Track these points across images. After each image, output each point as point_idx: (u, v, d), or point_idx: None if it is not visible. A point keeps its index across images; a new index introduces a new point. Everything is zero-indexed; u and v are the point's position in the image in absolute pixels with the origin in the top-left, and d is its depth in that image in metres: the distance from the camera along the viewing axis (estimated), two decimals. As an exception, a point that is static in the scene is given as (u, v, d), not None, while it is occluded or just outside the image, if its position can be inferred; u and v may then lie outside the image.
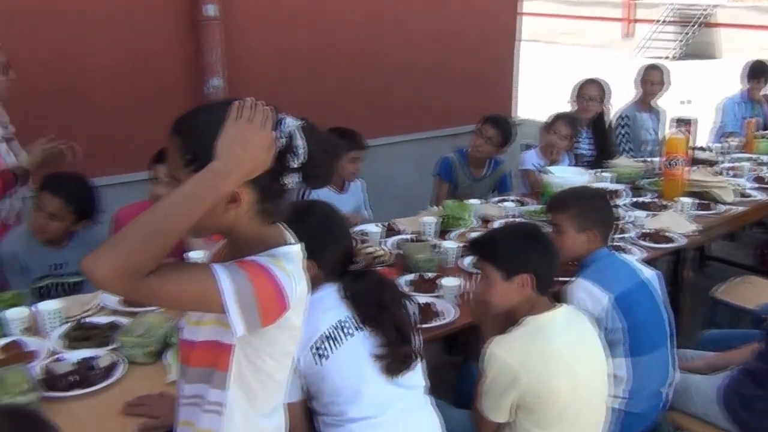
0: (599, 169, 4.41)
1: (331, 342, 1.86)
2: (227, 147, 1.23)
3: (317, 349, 1.85)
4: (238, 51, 4.41)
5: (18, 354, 2.19)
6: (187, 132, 1.30)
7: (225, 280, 1.24)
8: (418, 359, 1.97)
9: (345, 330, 1.89)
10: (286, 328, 1.36)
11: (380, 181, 4.39)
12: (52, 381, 1.98)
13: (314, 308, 1.79)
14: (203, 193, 1.22)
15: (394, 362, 1.89)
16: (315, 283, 1.84)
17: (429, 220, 3.40)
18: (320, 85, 4.80)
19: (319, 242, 1.85)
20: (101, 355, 2.13)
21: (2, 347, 2.22)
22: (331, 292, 1.93)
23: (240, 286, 1.25)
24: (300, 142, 1.31)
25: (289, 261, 1.35)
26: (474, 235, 3.02)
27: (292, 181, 1.33)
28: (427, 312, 2.52)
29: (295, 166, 1.32)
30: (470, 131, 4.37)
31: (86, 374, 2.02)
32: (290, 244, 1.40)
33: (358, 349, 1.89)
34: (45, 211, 2.75)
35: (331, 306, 1.91)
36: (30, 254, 2.83)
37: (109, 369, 2.06)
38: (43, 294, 2.80)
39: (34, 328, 2.35)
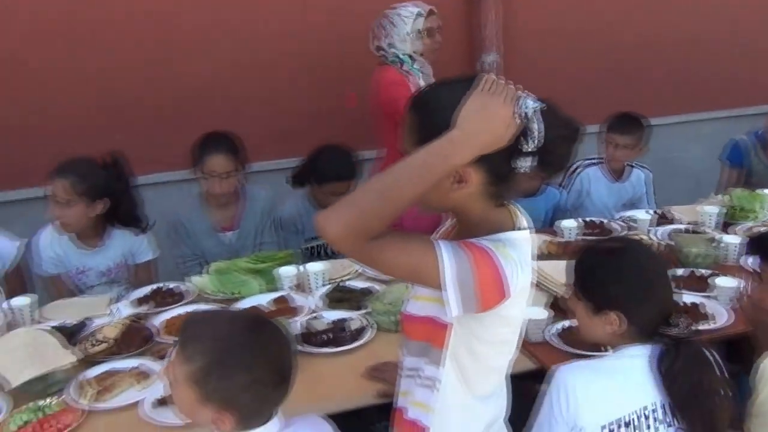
0: None
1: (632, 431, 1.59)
2: (468, 116, 1.19)
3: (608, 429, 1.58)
4: (514, 27, 4.32)
5: (285, 308, 2.41)
6: (425, 109, 1.28)
7: (447, 258, 1.20)
8: None
9: (652, 421, 1.59)
10: (503, 316, 1.30)
11: (662, 164, 4.03)
12: (308, 337, 2.14)
13: (618, 380, 1.61)
14: (436, 160, 1.19)
15: None
16: (621, 341, 1.67)
17: (709, 210, 3.03)
18: (597, 63, 4.53)
19: (638, 294, 1.65)
20: (353, 317, 2.25)
21: (274, 300, 2.46)
22: (640, 362, 1.62)
23: (461, 266, 1.20)
24: (537, 126, 1.23)
25: (515, 247, 1.27)
26: (762, 230, 2.63)
27: (524, 164, 1.26)
28: (695, 314, 2.25)
29: (529, 149, 1.24)
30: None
31: (338, 334, 2.15)
32: (519, 229, 1.33)
33: None
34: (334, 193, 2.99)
35: (640, 382, 1.60)
36: (306, 216, 3.11)
37: (359, 332, 2.17)
38: (313, 254, 3.06)
39: (301, 285, 2.57)
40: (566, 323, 2.15)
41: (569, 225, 3.01)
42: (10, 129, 3.55)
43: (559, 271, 2.31)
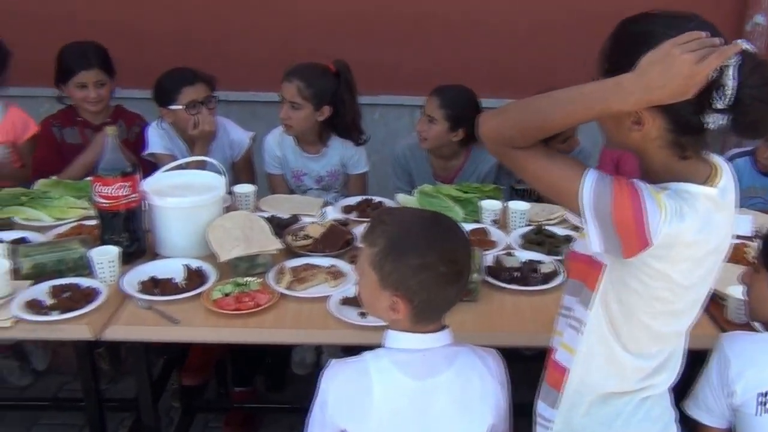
0: None
1: None
2: (647, 65, 1.11)
3: (765, 397, 1.55)
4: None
5: (482, 239, 2.37)
6: (621, 37, 1.20)
7: (588, 188, 1.17)
8: None
9: None
10: (656, 269, 1.19)
11: None
12: (497, 271, 2.10)
13: None
14: (594, 99, 1.16)
15: None
16: None
17: None
18: None
19: None
20: (546, 261, 2.16)
21: (473, 230, 2.43)
22: None
23: (600, 199, 1.16)
24: (730, 82, 1.09)
25: (682, 199, 1.16)
26: None
27: (714, 121, 1.14)
28: None
29: (720, 107, 1.12)
30: None
31: (528, 274, 2.07)
32: (710, 185, 1.20)
33: None
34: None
35: None
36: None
37: (549, 276, 2.08)
38: (520, 194, 2.96)
39: (501, 221, 2.52)
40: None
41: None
42: (246, 34, 3.83)
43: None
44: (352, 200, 2.73)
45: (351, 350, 1.49)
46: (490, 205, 2.52)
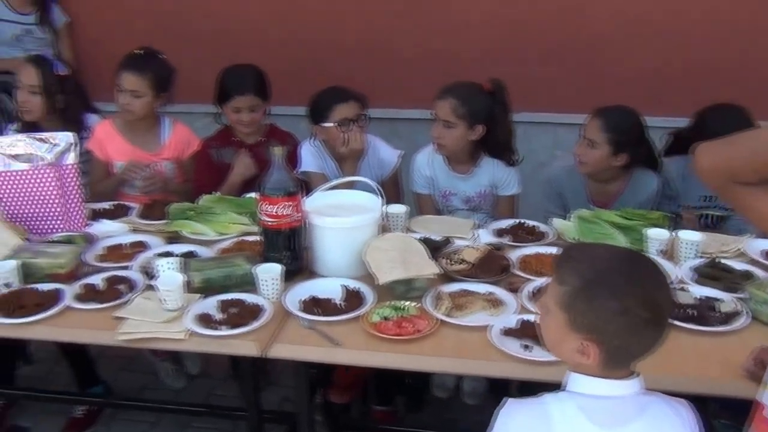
0: None
1: None
2: None
3: None
4: None
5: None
6: None
7: None
8: None
9: None
10: None
11: None
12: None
13: None
14: None
15: None
16: None
17: None
18: None
19: None
20: (726, 299, 2.00)
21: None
22: None
23: None
24: None
25: None
26: None
27: None
28: None
29: None
30: None
31: (706, 313, 1.92)
32: None
33: None
34: None
35: None
36: (680, 181, 2.87)
37: (730, 316, 1.92)
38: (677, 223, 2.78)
39: (669, 251, 2.36)
40: None
41: None
42: (387, 51, 3.84)
43: None
44: (504, 223, 2.65)
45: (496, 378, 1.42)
46: (658, 234, 2.36)
